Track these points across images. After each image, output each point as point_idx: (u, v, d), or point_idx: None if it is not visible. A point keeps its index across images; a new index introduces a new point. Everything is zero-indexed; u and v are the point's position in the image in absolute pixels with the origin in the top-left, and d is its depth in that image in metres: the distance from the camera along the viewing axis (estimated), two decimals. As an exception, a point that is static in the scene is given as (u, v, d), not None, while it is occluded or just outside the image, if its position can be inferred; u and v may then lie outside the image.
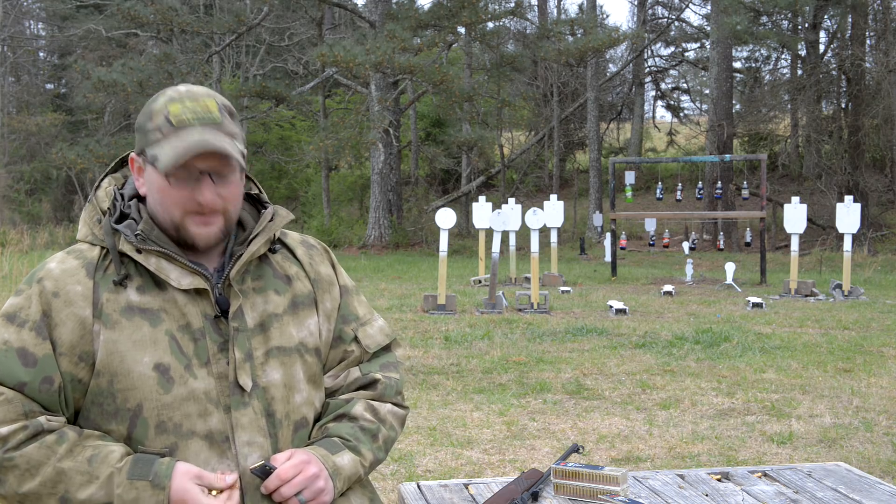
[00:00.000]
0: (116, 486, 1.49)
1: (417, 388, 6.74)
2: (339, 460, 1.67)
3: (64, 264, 1.61)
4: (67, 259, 1.63)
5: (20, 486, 1.49)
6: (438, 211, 11.62)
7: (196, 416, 1.57)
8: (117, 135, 24.80)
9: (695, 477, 2.40)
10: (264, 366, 1.64)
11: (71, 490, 1.49)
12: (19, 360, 1.53)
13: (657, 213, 17.45)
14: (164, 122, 1.60)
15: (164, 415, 1.56)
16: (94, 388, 1.57)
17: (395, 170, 23.00)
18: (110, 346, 1.55)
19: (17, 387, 1.52)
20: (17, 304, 1.59)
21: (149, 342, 1.57)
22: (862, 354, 8.15)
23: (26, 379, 1.52)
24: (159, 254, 1.60)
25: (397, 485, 3.25)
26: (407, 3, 21.33)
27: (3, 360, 1.53)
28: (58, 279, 1.59)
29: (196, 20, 20.04)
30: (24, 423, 1.51)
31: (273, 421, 1.64)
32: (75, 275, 1.59)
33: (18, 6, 31.84)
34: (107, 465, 1.51)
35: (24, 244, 19.56)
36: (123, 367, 1.55)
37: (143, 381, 1.55)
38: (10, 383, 1.52)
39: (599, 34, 19.76)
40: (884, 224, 22.70)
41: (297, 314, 1.73)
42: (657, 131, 36.44)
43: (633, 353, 8.27)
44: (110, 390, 1.56)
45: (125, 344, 1.56)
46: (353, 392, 1.80)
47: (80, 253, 1.64)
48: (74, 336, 1.56)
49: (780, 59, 29.36)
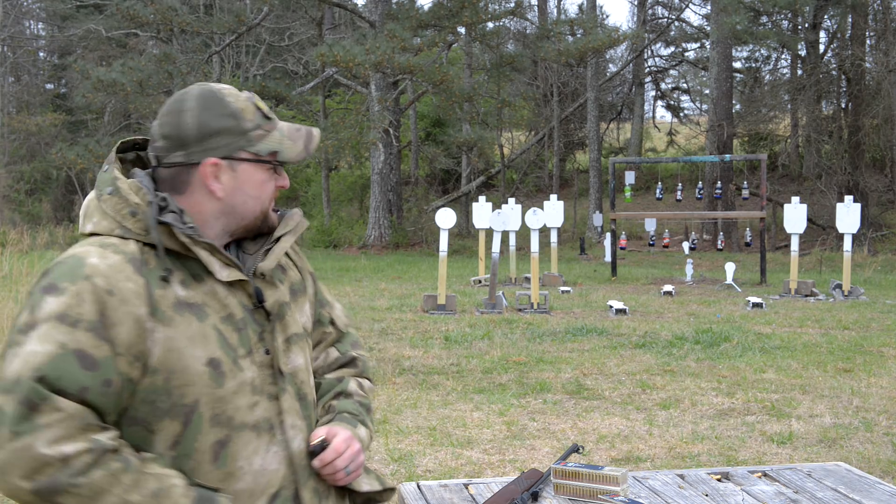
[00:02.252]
0: None
1: (417, 388, 6.74)
2: (359, 433, 1.79)
3: (107, 259, 1.53)
4: (107, 254, 1.54)
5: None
6: (438, 211, 11.62)
7: (245, 407, 1.60)
8: (117, 135, 24.82)
9: (695, 477, 2.40)
10: (288, 353, 1.71)
11: None
12: (79, 363, 1.45)
13: (657, 213, 17.44)
14: (261, 118, 1.66)
15: (217, 408, 1.57)
16: (147, 387, 1.54)
17: (395, 170, 23.00)
18: (168, 344, 1.54)
19: (79, 392, 1.45)
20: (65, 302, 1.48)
21: (199, 337, 1.57)
22: (862, 354, 8.15)
23: (88, 383, 1.46)
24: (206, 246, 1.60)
25: (397, 485, 3.25)
26: (407, 3, 21.32)
27: (63, 364, 1.44)
28: (108, 276, 1.51)
29: (196, 20, 20.04)
30: (89, 445, 1.44)
31: (305, 404, 1.72)
32: (123, 271, 1.53)
33: (18, 6, 31.85)
34: (171, 501, 1.50)
35: (24, 244, 19.55)
36: (181, 364, 1.54)
37: (199, 377, 1.56)
38: (72, 389, 1.44)
39: (599, 34, 19.75)
40: (884, 224, 22.70)
41: (297, 301, 1.80)
42: (657, 131, 36.44)
43: (633, 353, 8.27)
44: (166, 387, 1.54)
45: (181, 340, 1.55)
46: (336, 371, 1.90)
47: (116, 247, 1.56)
48: (131, 335, 1.50)
49: (780, 59, 29.38)
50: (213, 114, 1.62)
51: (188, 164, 1.62)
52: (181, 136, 1.61)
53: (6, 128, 28.83)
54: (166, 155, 1.63)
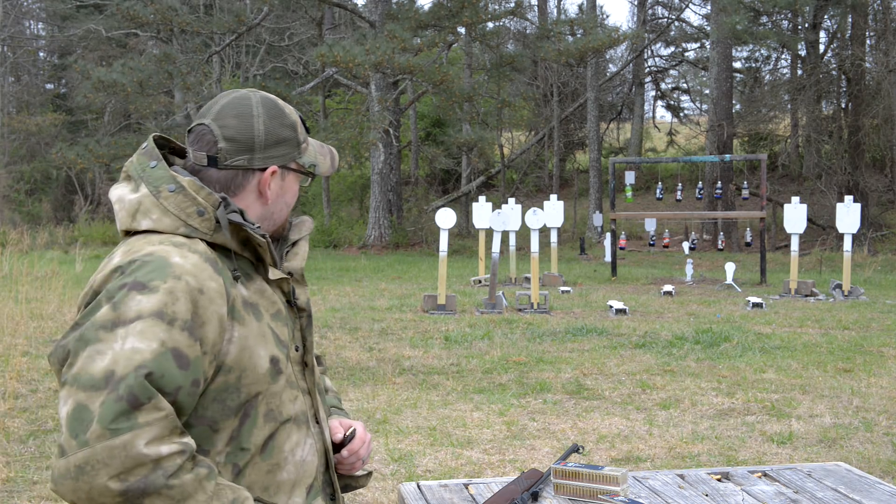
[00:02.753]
0: None
1: (417, 388, 6.74)
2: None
3: (188, 259, 1.52)
4: (185, 253, 1.53)
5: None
6: (438, 211, 11.62)
7: (289, 401, 1.65)
8: (117, 135, 24.79)
9: (695, 477, 2.40)
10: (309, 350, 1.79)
11: None
12: (175, 362, 1.44)
13: (657, 213, 17.44)
14: (304, 130, 1.74)
15: (272, 403, 1.61)
16: (219, 385, 1.54)
17: (395, 170, 23.00)
18: (243, 342, 1.56)
19: (174, 392, 1.44)
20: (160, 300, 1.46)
21: (260, 335, 1.60)
22: (862, 354, 8.15)
23: (182, 383, 1.45)
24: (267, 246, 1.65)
25: (397, 485, 3.25)
26: (407, 3, 21.33)
27: (164, 361, 1.43)
28: (195, 275, 1.51)
29: (196, 20, 20.03)
30: (182, 448, 1.42)
31: (324, 398, 1.83)
32: (205, 270, 1.53)
33: (18, 6, 31.85)
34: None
35: (24, 244, 19.57)
36: (252, 362, 1.57)
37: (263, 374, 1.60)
38: (170, 388, 1.43)
39: (599, 34, 19.74)
40: (884, 224, 22.70)
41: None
42: (657, 131, 36.44)
43: (633, 353, 8.27)
44: (237, 385, 1.56)
45: (252, 339, 1.58)
46: None
47: (189, 246, 1.55)
48: (216, 334, 1.51)
49: (780, 59, 29.37)
50: (278, 123, 1.67)
51: (250, 169, 1.64)
52: (250, 140, 1.63)
53: (6, 128, 28.83)
54: (229, 157, 1.62)
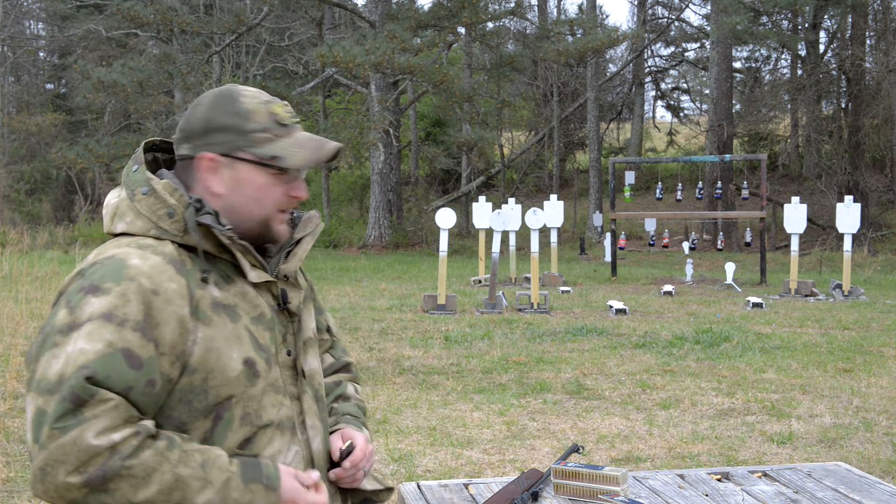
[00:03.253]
0: (233, 491, 1.50)
1: (417, 388, 6.74)
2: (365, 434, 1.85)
3: (148, 260, 1.54)
4: (147, 255, 1.55)
5: (135, 495, 1.43)
6: (438, 211, 11.62)
7: (271, 406, 1.63)
8: (117, 135, 24.79)
9: (695, 477, 2.40)
10: (305, 355, 1.75)
11: (188, 496, 1.47)
12: (126, 362, 1.46)
13: (657, 213, 17.44)
14: (272, 122, 1.66)
15: (249, 407, 1.60)
16: (184, 386, 1.55)
17: (395, 170, 23.00)
18: (208, 343, 1.55)
19: (124, 391, 1.45)
20: (111, 302, 1.48)
21: (234, 338, 1.59)
22: (862, 354, 8.15)
23: (133, 383, 1.47)
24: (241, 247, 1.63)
25: (397, 485, 3.25)
26: (407, 3, 21.33)
27: (110, 362, 1.45)
28: (151, 276, 1.52)
29: (196, 20, 20.04)
30: (136, 430, 1.44)
31: (322, 405, 1.77)
32: (165, 271, 1.55)
33: (18, 6, 31.84)
34: (220, 470, 1.50)
35: (24, 244, 19.57)
36: (219, 364, 1.56)
37: (235, 377, 1.58)
38: (118, 387, 1.45)
39: (599, 34, 19.75)
40: (884, 224, 22.70)
41: (308, 307, 1.83)
42: (657, 131, 36.44)
43: (633, 353, 8.27)
44: (203, 387, 1.56)
45: (219, 340, 1.57)
46: (332, 375, 1.96)
47: (154, 248, 1.57)
48: (175, 335, 1.52)
49: (780, 59, 29.37)
50: (221, 111, 1.65)
51: (191, 157, 1.66)
52: (189, 128, 1.66)
53: (6, 128, 28.82)
54: (177, 147, 1.68)
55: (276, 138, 1.65)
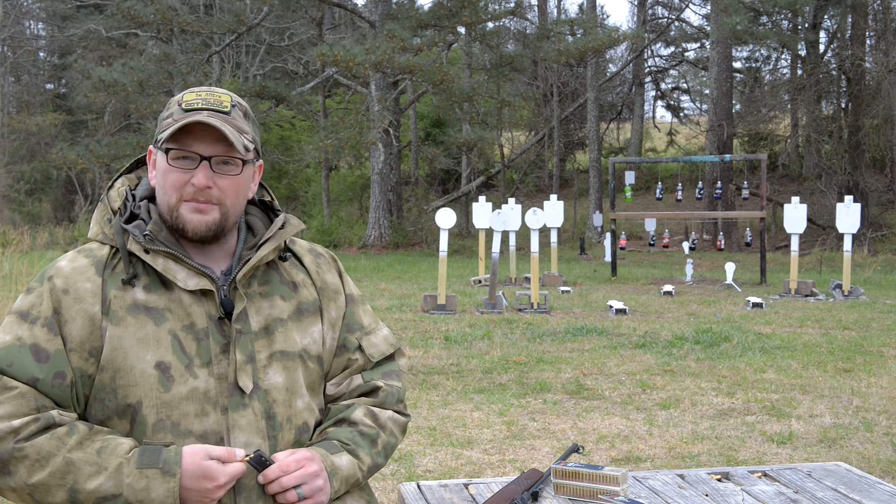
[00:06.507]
0: (126, 476, 1.51)
1: (417, 388, 6.74)
2: (338, 461, 1.68)
3: (74, 262, 1.65)
4: (78, 257, 1.66)
5: (30, 477, 1.50)
6: (438, 211, 11.62)
7: (193, 415, 1.59)
8: (117, 135, 24.79)
9: (695, 477, 2.40)
10: (267, 369, 1.66)
11: (80, 481, 1.50)
12: (32, 356, 1.55)
13: (657, 213, 17.44)
14: (177, 108, 1.67)
15: (162, 413, 1.58)
16: (97, 384, 1.59)
17: (395, 170, 23.00)
18: (115, 342, 1.58)
19: (30, 382, 1.54)
20: (30, 301, 1.62)
21: (152, 340, 1.59)
22: (862, 354, 8.15)
23: (39, 375, 1.55)
24: (167, 254, 1.63)
25: (397, 485, 3.25)
26: (407, 3, 21.34)
27: (17, 355, 1.55)
28: (68, 277, 1.62)
29: (196, 20, 20.04)
30: (37, 416, 1.52)
31: (273, 424, 1.65)
32: (85, 272, 1.63)
33: (18, 6, 31.83)
34: (115, 456, 1.52)
35: (24, 244, 19.53)
36: (126, 364, 1.58)
37: (144, 379, 1.58)
38: (23, 378, 1.54)
39: (599, 34, 19.76)
40: (884, 224, 22.70)
41: (302, 321, 1.75)
42: (657, 131, 36.44)
43: (633, 353, 8.27)
44: (112, 386, 1.58)
45: (129, 341, 1.59)
46: (354, 398, 1.82)
47: (90, 252, 1.67)
48: (84, 332, 1.58)
49: (780, 59, 29.37)
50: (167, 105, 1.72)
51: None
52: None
53: (6, 128, 28.82)
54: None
55: (175, 122, 1.64)
